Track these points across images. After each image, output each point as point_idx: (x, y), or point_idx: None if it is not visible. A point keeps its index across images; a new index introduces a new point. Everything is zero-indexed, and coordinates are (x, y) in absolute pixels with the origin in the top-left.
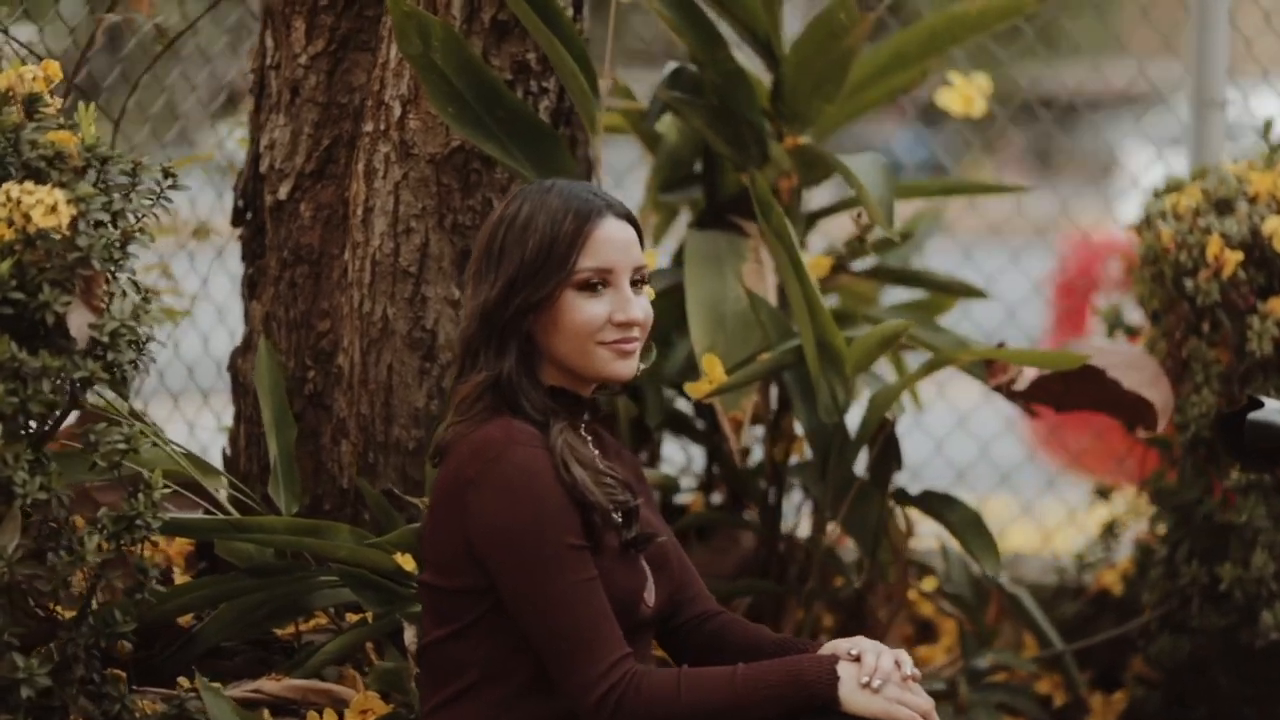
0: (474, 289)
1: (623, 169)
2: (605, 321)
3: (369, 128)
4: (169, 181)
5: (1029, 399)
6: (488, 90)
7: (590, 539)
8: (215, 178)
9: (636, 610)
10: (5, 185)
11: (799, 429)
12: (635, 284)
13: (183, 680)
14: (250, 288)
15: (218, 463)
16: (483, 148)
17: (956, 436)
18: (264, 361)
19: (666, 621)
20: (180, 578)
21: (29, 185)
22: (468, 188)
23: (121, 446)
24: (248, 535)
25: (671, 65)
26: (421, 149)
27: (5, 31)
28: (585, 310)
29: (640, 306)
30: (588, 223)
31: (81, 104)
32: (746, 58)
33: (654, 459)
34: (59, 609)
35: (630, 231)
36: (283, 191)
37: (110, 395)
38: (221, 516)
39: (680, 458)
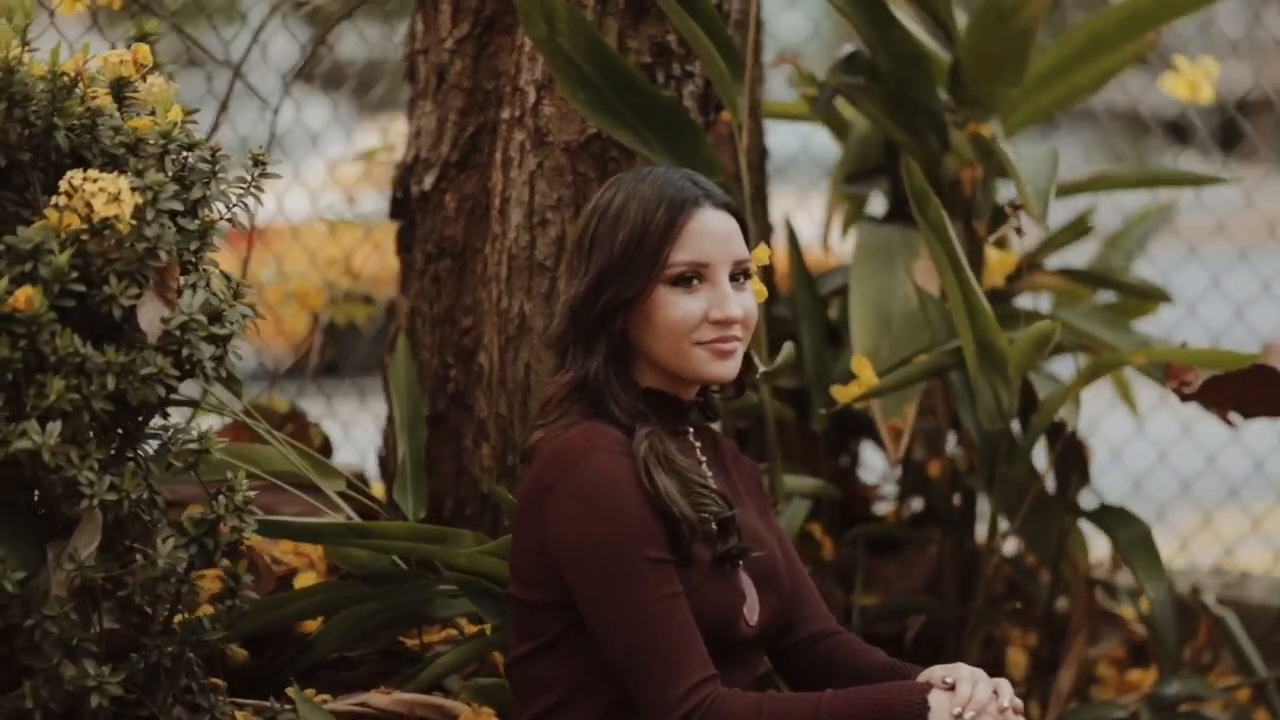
0: (566, 283)
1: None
2: (701, 319)
3: (506, 114)
4: (259, 170)
5: (1207, 402)
6: (619, 76)
7: (677, 552)
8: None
9: (734, 628)
10: (70, 173)
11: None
12: (736, 279)
13: (291, 691)
14: (403, 282)
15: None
16: (616, 136)
17: (1181, 448)
18: (400, 360)
19: (778, 640)
20: (307, 581)
21: (92, 173)
22: (605, 177)
23: (193, 446)
24: (365, 541)
25: (847, 49)
26: (557, 136)
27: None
28: (679, 307)
29: (740, 303)
30: (682, 213)
31: (161, 84)
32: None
33: (853, 464)
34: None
35: (730, 222)
36: (428, 182)
37: (225, 394)
38: (337, 520)
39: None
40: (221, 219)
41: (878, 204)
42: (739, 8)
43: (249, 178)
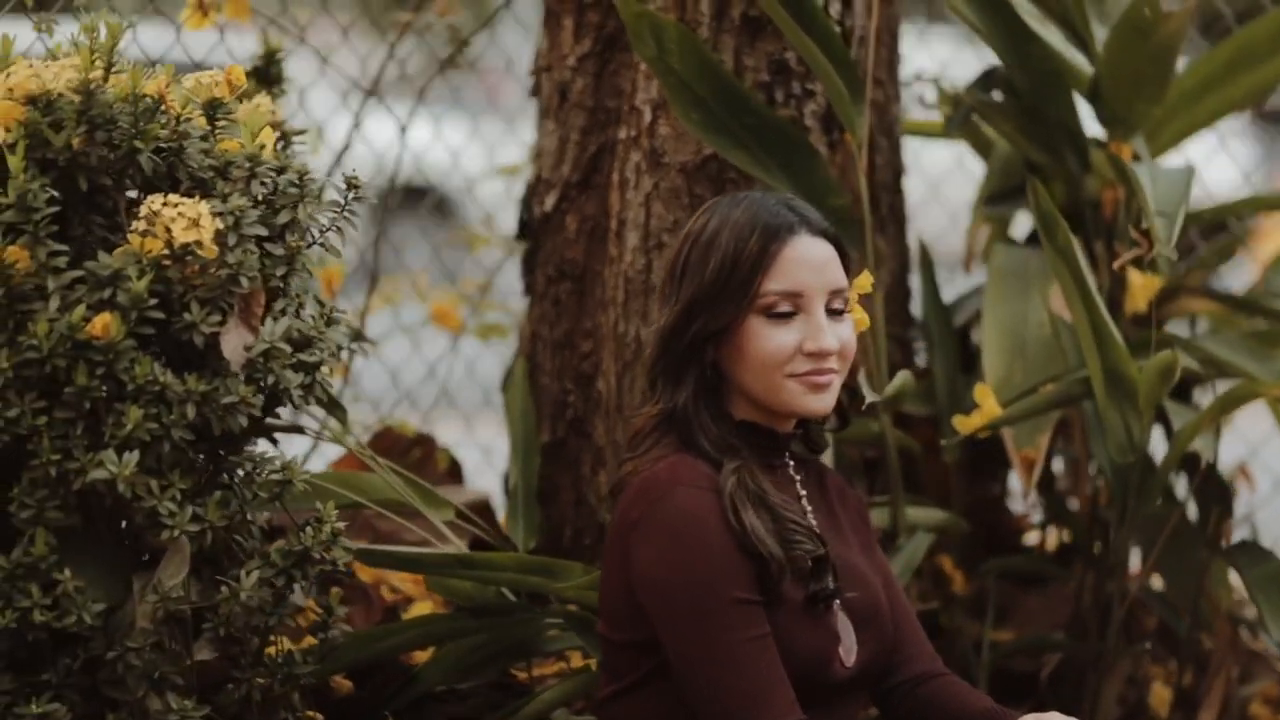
0: (659, 311)
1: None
2: (795, 351)
3: (623, 134)
4: (353, 194)
5: None
6: (732, 96)
7: (765, 592)
8: None
9: (828, 670)
10: (150, 198)
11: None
12: (834, 310)
13: None
14: (529, 305)
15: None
16: (730, 158)
17: None
18: (517, 385)
19: (880, 682)
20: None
21: (173, 197)
22: None
23: (276, 477)
24: (471, 572)
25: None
26: (673, 157)
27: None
28: (772, 339)
29: (836, 334)
30: (774, 240)
31: (244, 107)
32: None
33: (1003, 494)
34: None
35: (827, 250)
36: (549, 202)
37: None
38: (442, 551)
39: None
40: (313, 244)
41: (1024, 224)
42: (861, 24)
43: (343, 201)
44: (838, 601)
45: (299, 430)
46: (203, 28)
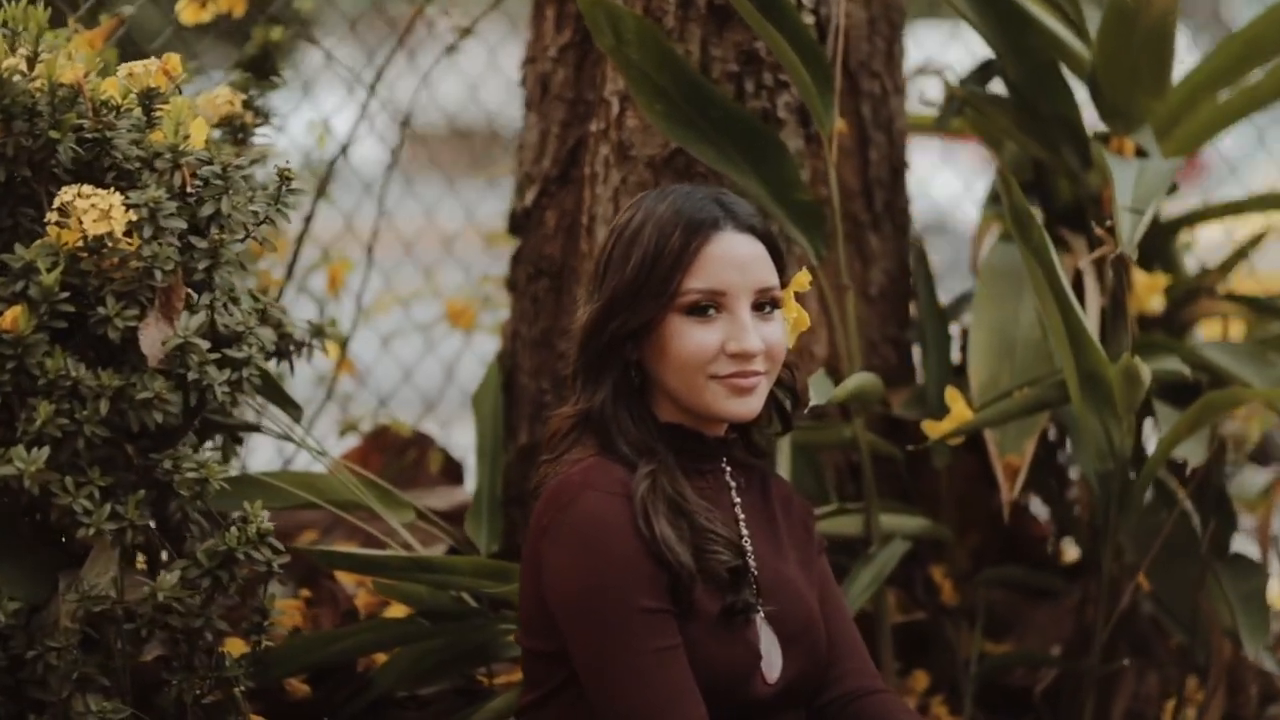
0: (583, 308)
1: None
2: (717, 352)
3: (594, 127)
4: (284, 186)
5: None
6: (695, 87)
7: (678, 602)
8: None
9: (747, 686)
10: (63, 189)
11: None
12: (762, 308)
13: None
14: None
15: None
16: (694, 151)
17: None
18: (487, 384)
19: (813, 699)
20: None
21: (86, 188)
22: None
23: (192, 475)
24: (427, 575)
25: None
26: (640, 150)
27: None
28: (692, 338)
29: (763, 335)
30: (697, 236)
31: (176, 96)
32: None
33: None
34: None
35: (754, 247)
36: (529, 197)
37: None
38: (396, 553)
39: None
40: (248, 237)
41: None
42: (837, 14)
43: (277, 195)
44: (760, 615)
45: (254, 429)
46: (199, 19)
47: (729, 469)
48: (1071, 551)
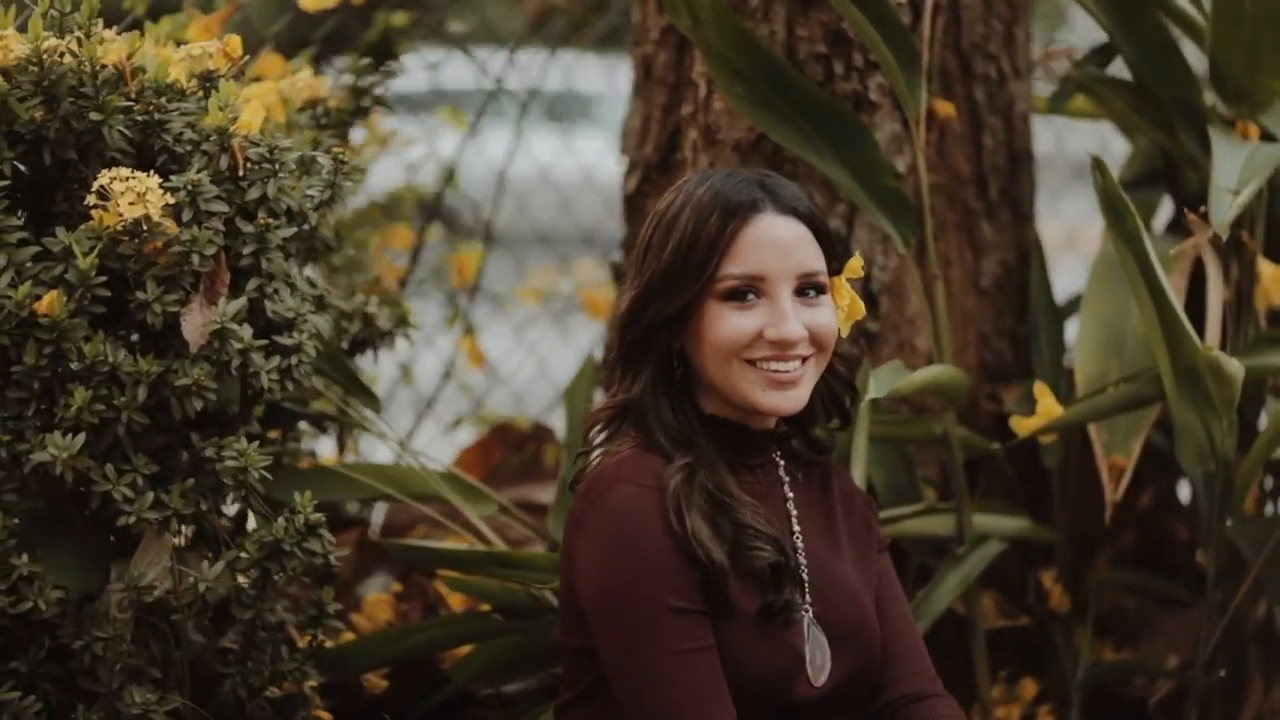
0: (623, 296)
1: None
2: (754, 338)
3: (685, 110)
4: (341, 171)
5: None
6: (775, 69)
7: (714, 601)
8: None
9: (790, 689)
10: (103, 172)
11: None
12: (806, 293)
13: None
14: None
15: None
16: (775, 135)
17: None
18: (582, 378)
19: (868, 702)
20: None
21: (123, 171)
22: None
23: (232, 464)
24: (504, 571)
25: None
26: (726, 134)
27: None
28: (728, 324)
29: (807, 321)
30: (734, 219)
31: (224, 81)
32: None
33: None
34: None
35: (797, 230)
36: (631, 184)
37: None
38: (472, 548)
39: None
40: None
41: (1168, 211)
42: None
43: (331, 179)
44: (808, 615)
45: (330, 419)
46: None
47: (783, 463)
48: None
